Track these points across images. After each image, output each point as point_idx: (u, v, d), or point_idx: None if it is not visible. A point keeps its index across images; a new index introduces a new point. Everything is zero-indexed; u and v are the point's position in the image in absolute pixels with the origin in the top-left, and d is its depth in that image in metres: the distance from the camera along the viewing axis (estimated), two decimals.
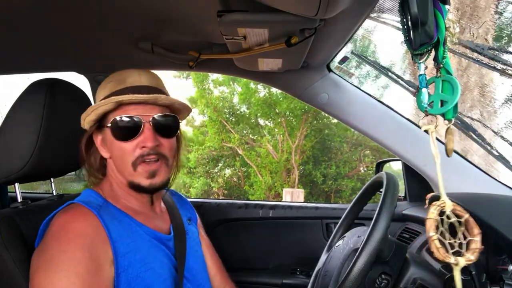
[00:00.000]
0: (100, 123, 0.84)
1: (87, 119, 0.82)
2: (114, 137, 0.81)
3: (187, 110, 0.91)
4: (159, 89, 0.85)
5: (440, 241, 0.58)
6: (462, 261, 0.56)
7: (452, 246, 0.59)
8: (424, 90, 0.60)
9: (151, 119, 0.81)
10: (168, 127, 0.84)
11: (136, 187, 0.83)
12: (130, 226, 0.82)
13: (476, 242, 0.57)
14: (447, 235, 0.59)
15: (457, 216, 0.58)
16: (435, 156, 0.57)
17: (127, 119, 0.79)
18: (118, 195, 0.86)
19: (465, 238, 0.58)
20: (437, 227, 0.58)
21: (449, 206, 0.57)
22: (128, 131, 0.80)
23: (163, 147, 0.83)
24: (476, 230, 0.58)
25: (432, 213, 0.58)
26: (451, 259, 0.57)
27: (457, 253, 0.59)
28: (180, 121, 0.89)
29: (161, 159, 0.82)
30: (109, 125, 0.81)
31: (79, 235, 0.71)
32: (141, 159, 0.80)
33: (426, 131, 0.60)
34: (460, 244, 0.58)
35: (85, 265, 0.68)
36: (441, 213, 0.60)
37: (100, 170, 0.90)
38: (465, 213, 0.58)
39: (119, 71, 0.87)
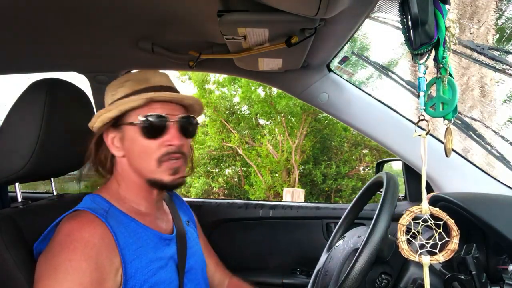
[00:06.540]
0: (116, 121, 0.83)
1: (105, 116, 0.80)
2: (142, 135, 0.81)
3: (202, 111, 0.95)
4: (178, 91, 0.89)
5: (411, 242, 0.62)
6: (427, 260, 0.58)
7: (424, 246, 0.62)
8: (421, 94, 0.59)
9: (177, 118, 0.83)
10: (190, 127, 0.87)
11: (156, 184, 0.84)
12: (137, 230, 0.82)
13: (452, 243, 0.59)
14: (419, 236, 0.62)
15: (438, 218, 0.60)
16: (424, 163, 0.59)
17: (158, 117, 0.81)
18: (125, 197, 0.86)
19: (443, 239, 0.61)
20: (409, 230, 0.62)
21: (425, 210, 0.59)
22: (156, 129, 0.81)
23: (185, 146, 0.86)
24: (454, 232, 0.59)
25: (403, 219, 0.62)
26: (415, 258, 0.60)
27: (432, 253, 0.62)
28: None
29: (183, 158, 0.85)
30: (136, 122, 0.80)
31: (86, 244, 0.70)
32: (167, 156, 0.82)
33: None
34: (436, 245, 0.61)
35: (90, 276, 0.68)
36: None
37: (109, 169, 0.89)
38: (444, 215, 0.59)
39: (132, 72, 0.89)
